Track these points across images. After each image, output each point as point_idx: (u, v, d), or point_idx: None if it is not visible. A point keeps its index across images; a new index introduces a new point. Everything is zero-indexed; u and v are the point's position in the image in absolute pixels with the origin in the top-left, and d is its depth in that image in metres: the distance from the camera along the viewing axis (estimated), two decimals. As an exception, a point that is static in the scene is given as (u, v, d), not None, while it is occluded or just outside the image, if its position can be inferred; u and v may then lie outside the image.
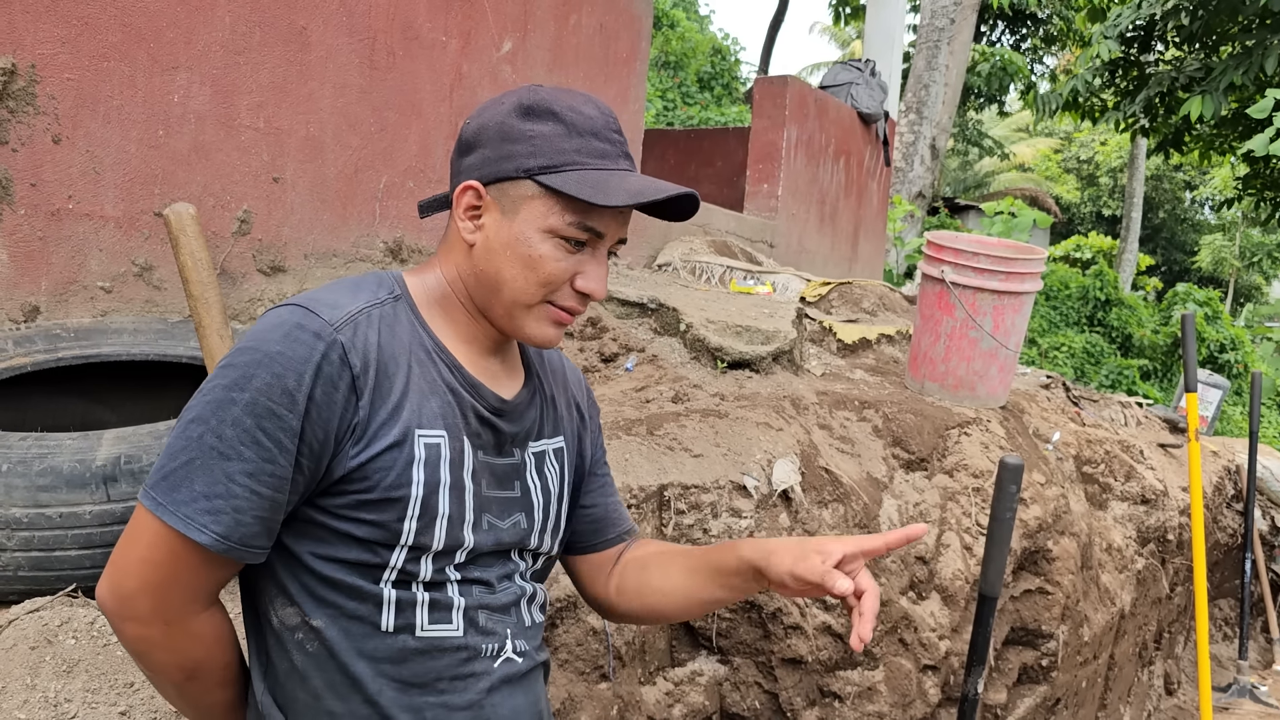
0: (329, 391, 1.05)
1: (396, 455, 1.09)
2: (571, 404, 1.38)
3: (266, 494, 1.03)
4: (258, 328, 1.06)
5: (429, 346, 1.16)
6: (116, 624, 1.06)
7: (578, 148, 1.13)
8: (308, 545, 1.10)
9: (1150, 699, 5.00)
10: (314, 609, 1.11)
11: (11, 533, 1.70)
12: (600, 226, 1.13)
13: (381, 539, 1.10)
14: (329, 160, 3.36)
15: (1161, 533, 4.52)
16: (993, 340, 3.74)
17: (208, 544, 1.02)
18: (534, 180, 1.12)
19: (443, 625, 1.15)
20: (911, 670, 3.06)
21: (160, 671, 1.11)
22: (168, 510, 1.01)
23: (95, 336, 2.39)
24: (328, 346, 1.05)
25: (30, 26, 2.52)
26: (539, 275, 1.13)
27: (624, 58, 4.88)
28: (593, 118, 1.15)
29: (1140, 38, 11.84)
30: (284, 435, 1.02)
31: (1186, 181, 31.50)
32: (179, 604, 1.06)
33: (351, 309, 1.10)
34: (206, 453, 1.01)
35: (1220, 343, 14.83)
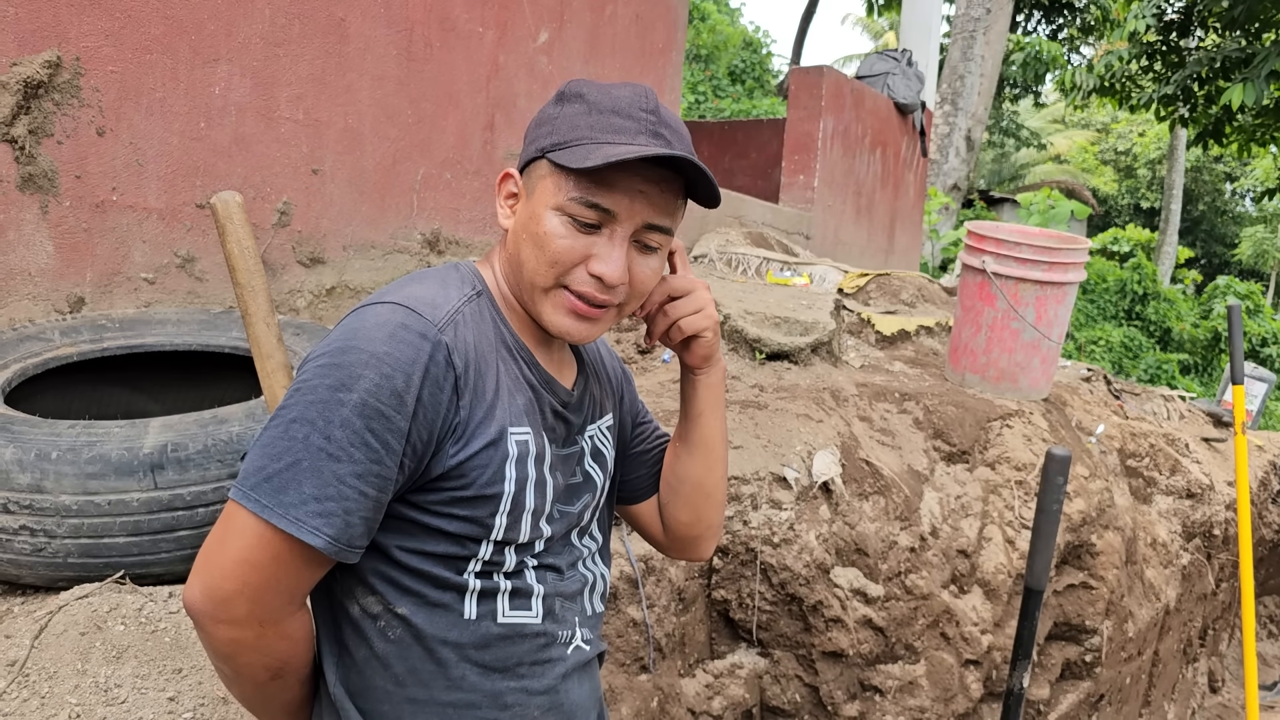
0: (435, 393, 1.04)
1: (492, 454, 1.09)
2: (609, 377, 1.39)
3: (373, 495, 1.02)
4: (357, 325, 1.04)
5: (510, 343, 1.15)
6: (209, 626, 1.03)
7: (593, 124, 1.10)
8: (395, 539, 1.09)
9: (1194, 696, 4.92)
10: (398, 598, 1.11)
11: (61, 520, 1.71)
12: (608, 203, 1.08)
13: (472, 534, 1.10)
14: (367, 152, 3.37)
15: (1207, 528, 4.44)
16: (1035, 331, 3.69)
17: (321, 546, 1.00)
18: (546, 158, 1.11)
19: (523, 612, 1.17)
20: (953, 665, 3.03)
21: (246, 672, 1.08)
22: (275, 513, 0.99)
23: (139, 327, 2.41)
24: (434, 347, 1.04)
25: (74, 20, 2.54)
26: (547, 254, 1.10)
27: (660, 48, 4.86)
28: (620, 96, 1.12)
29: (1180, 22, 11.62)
30: (391, 436, 1.01)
31: (1227, 173, 30.97)
32: (276, 606, 1.04)
33: (449, 308, 1.09)
34: (315, 454, 0.99)
35: (1262, 337, 14.58)
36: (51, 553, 1.73)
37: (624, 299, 1.15)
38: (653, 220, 1.11)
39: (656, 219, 1.12)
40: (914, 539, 3.01)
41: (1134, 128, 30.25)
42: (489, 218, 3.89)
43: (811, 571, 2.75)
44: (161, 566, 1.80)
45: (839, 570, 2.82)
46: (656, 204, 1.11)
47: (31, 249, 2.53)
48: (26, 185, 2.49)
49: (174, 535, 1.78)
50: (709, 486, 1.38)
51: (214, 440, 1.80)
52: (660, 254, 1.16)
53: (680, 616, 2.61)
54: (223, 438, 1.81)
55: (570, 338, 1.14)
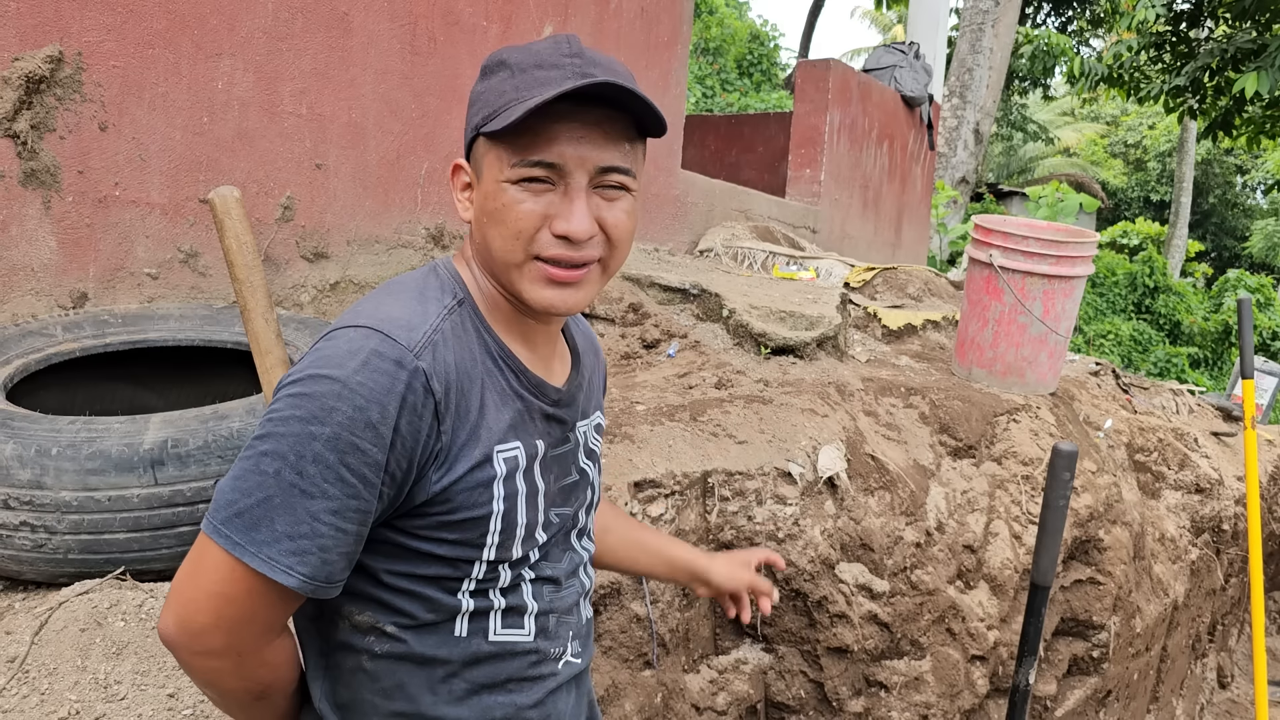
0: (414, 421, 0.99)
1: (477, 476, 1.05)
2: (599, 374, 1.37)
3: (352, 530, 0.98)
4: (329, 352, 0.99)
5: (495, 352, 1.11)
6: (185, 657, 1.01)
7: (518, 84, 1.04)
8: (385, 563, 1.06)
9: (1203, 692, 4.90)
10: (386, 617, 1.08)
11: (61, 515, 1.71)
12: (550, 156, 1.03)
13: (464, 555, 1.07)
14: (371, 146, 3.36)
15: (1216, 523, 4.41)
16: (1042, 325, 3.67)
17: (295, 586, 0.96)
18: (481, 135, 1.07)
19: (515, 630, 1.14)
20: (959, 660, 3.01)
21: (231, 696, 1.07)
22: (247, 551, 0.95)
23: (142, 322, 2.41)
24: (410, 375, 0.98)
25: (76, 14, 2.53)
26: (510, 227, 1.05)
27: (665, 41, 4.84)
28: (539, 51, 1.06)
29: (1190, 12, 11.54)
30: (368, 470, 0.97)
31: (1238, 166, 30.80)
32: (253, 636, 1.02)
33: (426, 328, 1.03)
34: (286, 490, 0.95)
35: (1272, 330, 14.50)
36: (52, 549, 1.72)
37: (603, 252, 1.09)
38: (604, 162, 1.05)
39: (608, 160, 1.05)
40: (920, 534, 2.99)
41: (1143, 120, 30.10)
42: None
43: (816, 567, 2.73)
44: (162, 563, 1.80)
45: (844, 566, 2.81)
46: (602, 145, 1.05)
47: (34, 244, 2.52)
48: (29, 181, 2.49)
49: (174, 531, 1.77)
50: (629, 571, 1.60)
51: (214, 436, 1.80)
52: (629, 197, 1.09)
53: (684, 612, 2.60)
54: (223, 433, 1.81)
55: (556, 309, 1.08)
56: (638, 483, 2.52)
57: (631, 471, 2.53)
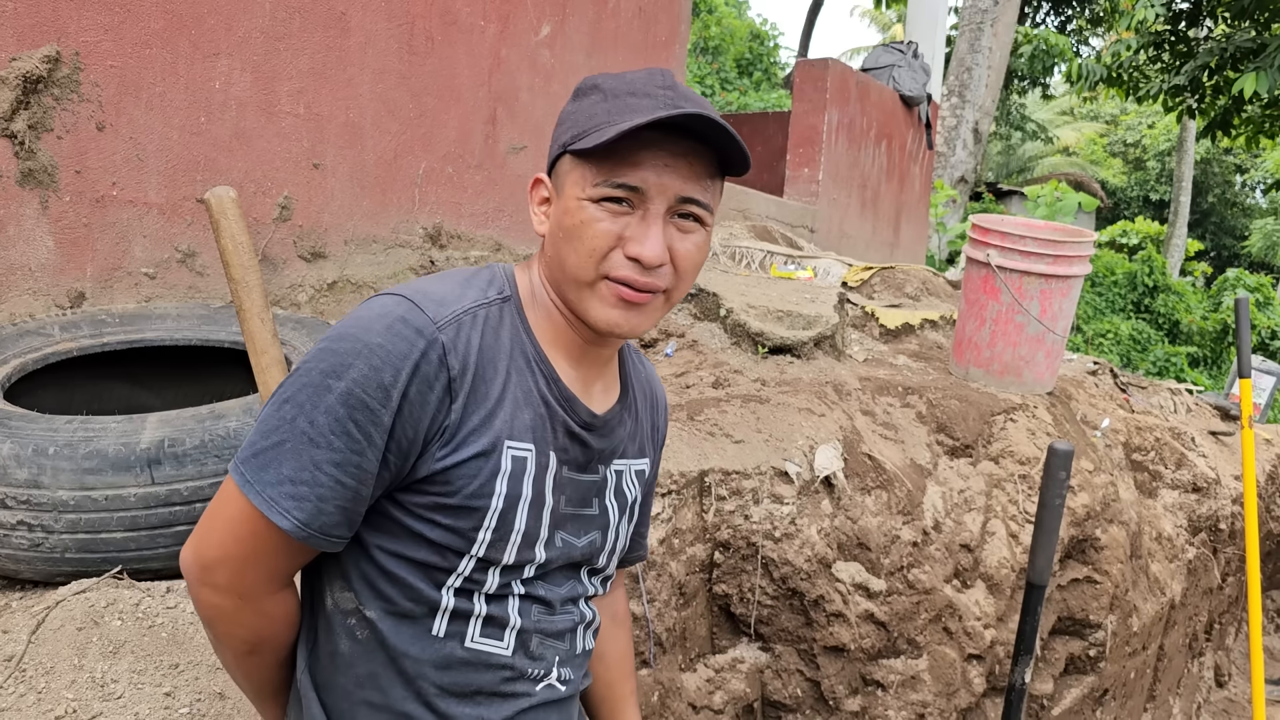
0: (423, 390, 1.02)
1: (482, 464, 1.06)
2: (656, 428, 1.35)
3: (350, 485, 1.01)
4: (361, 314, 1.04)
5: (529, 354, 1.12)
6: (194, 588, 1.06)
7: (609, 109, 1.07)
8: (377, 538, 1.08)
9: (1200, 691, 4.91)
10: (369, 599, 1.09)
11: (58, 515, 1.71)
12: (634, 180, 1.05)
13: (453, 545, 1.08)
14: (368, 146, 3.36)
15: (1213, 522, 4.42)
16: (1039, 325, 3.67)
17: (288, 529, 1.00)
18: (567, 152, 1.09)
19: (493, 641, 1.14)
20: (956, 659, 3.02)
21: (225, 641, 1.10)
22: (254, 489, 1.01)
23: (139, 322, 2.41)
24: (428, 344, 1.02)
25: (74, 14, 2.54)
26: (585, 244, 1.07)
27: (663, 41, 4.84)
28: (635, 79, 1.09)
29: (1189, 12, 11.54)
30: (374, 429, 1.00)
31: (1237, 165, 30.80)
32: (255, 581, 1.06)
33: (457, 308, 1.06)
34: (297, 436, 1.00)
35: (1271, 329, 14.52)
36: (49, 548, 1.73)
37: (669, 283, 1.10)
38: (685, 193, 1.07)
39: (689, 191, 1.08)
40: (916, 533, 3.00)
41: (1143, 119, 30.09)
42: (491, 211, 3.88)
43: (813, 566, 2.74)
44: (159, 562, 1.80)
45: (841, 565, 2.81)
46: (686, 176, 1.07)
47: (32, 244, 2.53)
48: (26, 180, 2.49)
49: (171, 530, 1.78)
50: None
51: (211, 435, 1.80)
52: (703, 232, 1.11)
53: (681, 611, 2.60)
54: (220, 433, 1.81)
55: (618, 329, 1.09)
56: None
57: (628, 471, 2.53)
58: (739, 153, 1.09)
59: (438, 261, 3.48)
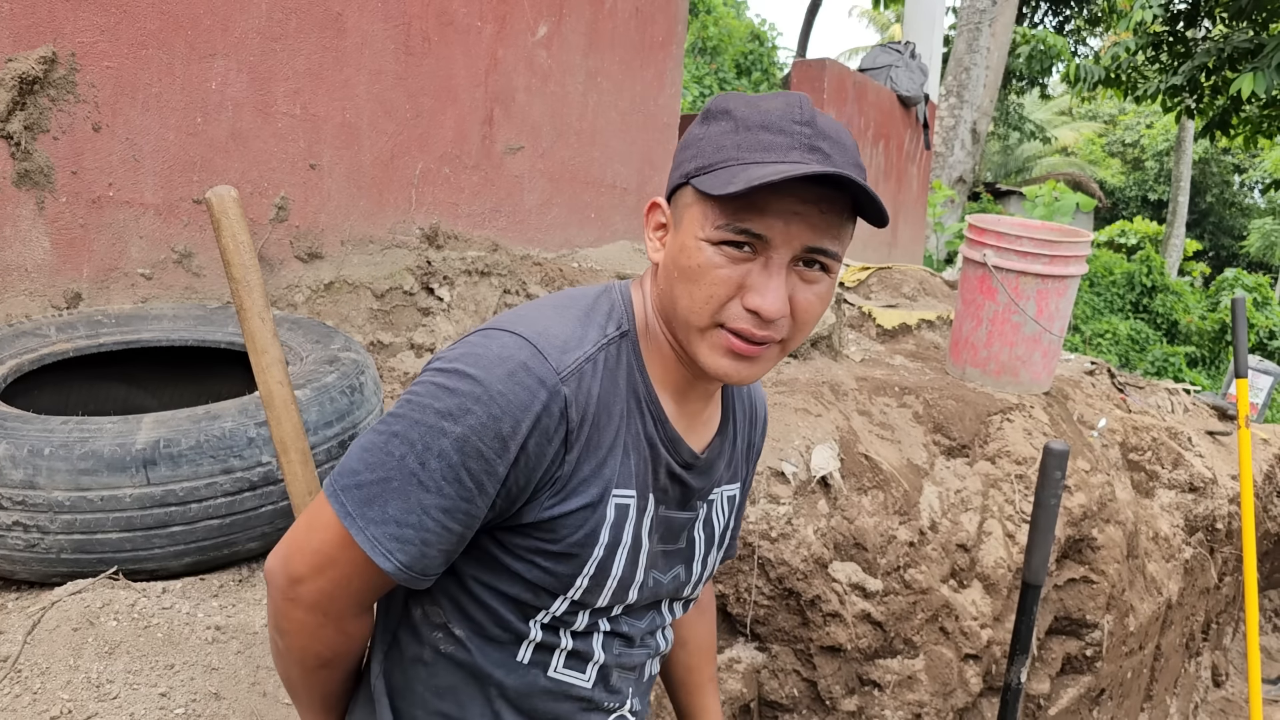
0: (542, 443, 0.99)
1: (589, 515, 1.05)
2: (752, 444, 1.31)
3: (456, 530, 0.99)
4: (482, 351, 0.98)
5: (641, 394, 1.08)
6: (277, 598, 1.04)
7: (739, 143, 0.99)
8: (473, 568, 1.07)
9: (1197, 691, 4.91)
10: (457, 620, 1.10)
11: (54, 515, 1.71)
12: (758, 228, 0.97)
13: (549, 586, 1.07)
14: (365, 146, 3.36)
15: (1210, 521, 4.42)
16: (1036, 325, 3.68)
17: (390, 571, 0.98)
18: (690, 185, 1.02)
19: (575, 674, 1.14)
20: (952, 659, 3.02)
21: (296, 654, 1.09)
22: (357, 525, 0.98)
23: (136, 322, 2.41)
24: (549, 396, 0.98)
25: (70, 15, 2.54)
26: (702, 290, 0.99)
27: (660, 41, 4.84)
28: (769, 110, 1.00)
29: (1187, 12, 11.54)
30: (487, 479, 0.97)
31: (1235, 165, 30.82)
32: (342, 604, 1.04)
33: (579, 355, 1.02)
34: (406, 477, 0.96)
35: (1270, 329, 14.53)
36: (44, 549, 1.73)
37: (787, 334, 1.03)
38: (813, 244, 0.99)
39: (818, 241, 0.99)
40: (913, 533, 3.00)
41: (1141, 119, 30.11)
42: (488, 212, 3.88)
43: (809, 566, 2.74)
44: (155, 562, 1.80)
45: (837, 565, 2.82)
46: (817, 225, 0.99)
47: (28, 245, 2.53)
48: (22, 181, 2.49)
49: (167, 531, 1.78)
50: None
51: (207, 436, 1.80)
52: (829, 280, 1.03)
53: (677, 611, 2.60)
54: (215, 433, 1.81)
55: (729, 380, 1.04)
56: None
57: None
58: (875, 210, 1.00)
59: (434, 262, 3.48)
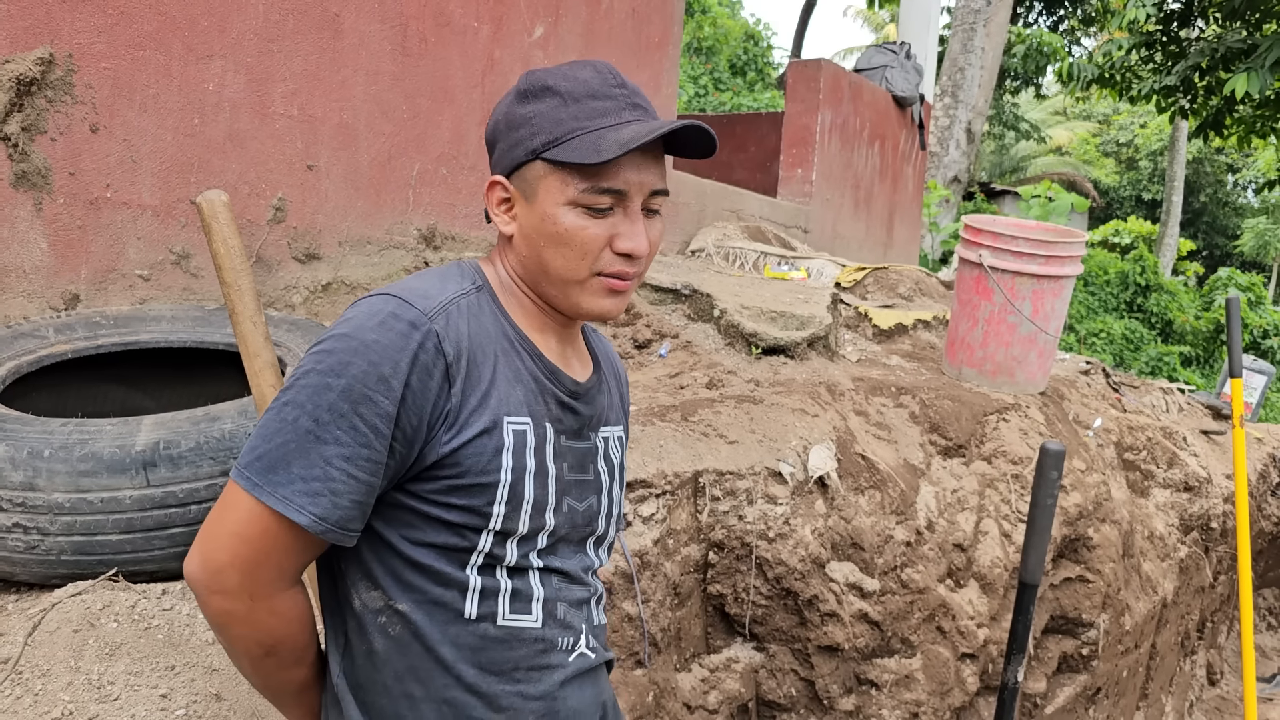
0: (424, 379, 1.06)
1: (486, 442, 1.11)
2: (623, 398, 1.42)
3: (362, 478, 1.05)
4: (350, 316, 1.08)
5: (511, 335, 1.18)
6: (203, 596, 1.08)
7: (575, 114, 1.12)
8: (397, 530, 1.12)
9: (1193, 689, 4.93)
10: (399, 593, 1.13)
11: (54, 517, 1.71)
12: (617, 184, 1.12)
13: (470, 523, 1.12)
14: (362, 147, 3.36)
15: (1205, 520, 4.44)
16: (1032, 325, 3.69)
17: (306, 524, 1.04)
18: (540, 159, 1.13)
19: (523, 616, 1.18)
20: (949, 658, 3.03)
21: (239, 646, 1.12)
22: (265, 490, 1.04)
23: (134, 324, 2.41)
24: (423, 336, 1.07)
25: (67, 16, 2.54)
26: (575, 249, 1.13)
27: (656, 42, 4.85)
28: (588, 80, 1.15)
29: (1181, 12, 11.57)
30: (379, 421, 1.04)
31: (1229, 165, 30.89)
32: (266, 580, 1.08)
33: (442, 299, 1.11)
34: (302, 436, 1.03)
35: (1264, 329, 14.56)
36: (44, 550, 1.73)
37: (644, 267, 1.20)
38: (655, 186, 1.16)
39: (658, 184, 1.16)
40: (910, 533, 3.01)
41: (1135, 119, 30.17)
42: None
43: (807, 566, 2.75)
44: (154, 564, 1.80)
45: (834, 564, 2.83)
46: (654, 171, 1.15)
47: (26, 246, 2.53)
48: (20, 183, 2.49)
49: (167, 532, 1.78)
50: None
51: (206, 438, 1.80)
52: (660, 215, 1.20)
53: (675, 611, 2.61)
54: (215, 435, 1.81)
55: (610, 315, 1.19)
56: (629, 483, 2.53)
57: (623, 471, 2.54)
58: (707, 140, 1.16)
59: (432, 262, 3.48)
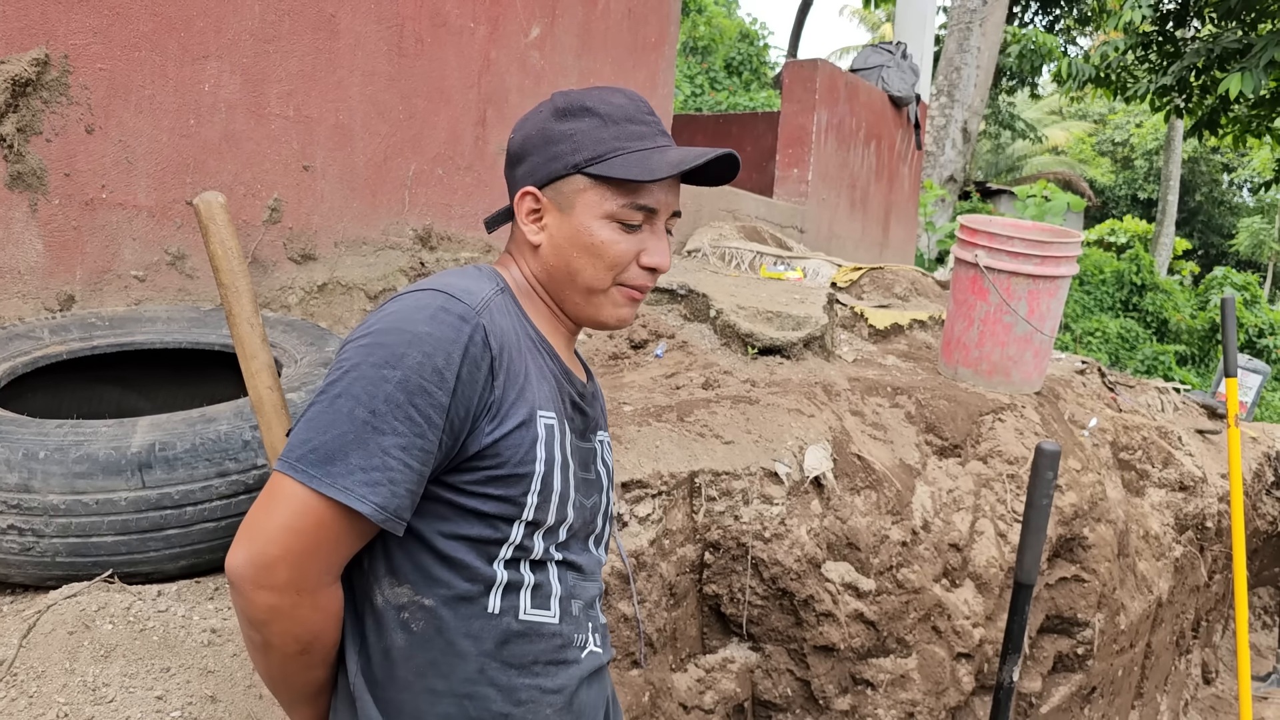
0: (473, 371, 1.10)
1: (524, 434, 1.16)
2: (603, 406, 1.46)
3: (416, 467, 1.08)
4: (397, 309, 1.11)
5: (533, 336, 1.24)
6: (249, 592, 1.07)
7: (615, 134, 1.21)
8: (430, 522, 1.15)
9: (1188, 688, 4.94)
10: (426, 588, 1.15)
11: (49, 519, 1.71)
12: (651, 202, 1.21)
13: (505, 513, 1.16)
14: (358, 148, 3.36)
15: (1200, 520, 4.45)
16: (1027, 325, 3.69)
17: (368, 513, 1.05)
18: (582, 173, 1.21)
19: (542, 611, 1.22)
20: (945, 658, 3.04)
21: (277, 641, 1.12)
22: (324, 482, 1.05)
23: (129, 325, 2.41)
24: (473, 329, 1.11)
25: (62, 17, 2.53)
26: (606, 260, 1.22)
27: (652, 42, 4.85)
28: (624, 105, 1.23)
29: (1176, 12, 11.59)
30: (434, 411, 1.07)
31: (1224, 164, 30.94)
32: (316, 574, 1.09)
33: (484, 294, 1.16)
34: (360, 427, 1.05)
35: (1259, 328, 14.60)
36: (39, 552, 1.73)
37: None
38: (676, 207, 1.26)
39: (678, 206, 1.27)
40: (905, 533, 3.02)
41: (1131, 119, 30.22)
42: (482, 213, 3.88)
43: (803, 566, 2.75)
44: (150, 565, 1.80)
45: (830, 564, 2.83)
46: (676, 194, 1.26)
47: (21, 247, 2.52)
48: (15, 183, 2.49)
49: (162, 534, 1.78)
50: None
51: (202, 439, 1.80)
52: None
53: (671, 612, 2.61)
54: (211, 436, 1.81)
55: (624, 323, 1.28)
56: (625, 483, 2.53)
57: (619, 472, 2.54)
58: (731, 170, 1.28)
59: (428, 263, 3.48)
